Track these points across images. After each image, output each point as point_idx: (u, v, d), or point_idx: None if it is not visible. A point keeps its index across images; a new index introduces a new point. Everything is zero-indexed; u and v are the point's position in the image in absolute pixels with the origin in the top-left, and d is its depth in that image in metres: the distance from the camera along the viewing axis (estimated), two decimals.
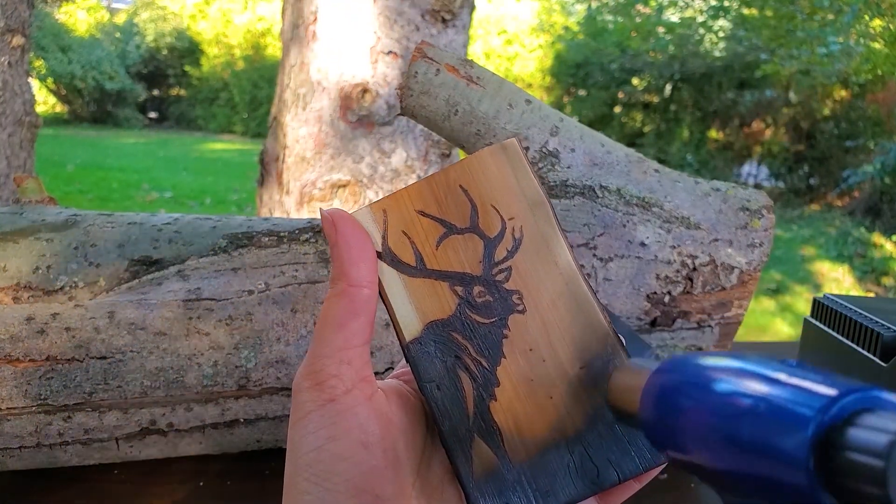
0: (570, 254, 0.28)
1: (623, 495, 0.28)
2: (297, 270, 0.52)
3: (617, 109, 7.17)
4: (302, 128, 1.46)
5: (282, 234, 0.55)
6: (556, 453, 0.27)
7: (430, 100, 0.55)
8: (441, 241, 0.28)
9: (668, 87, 6.68)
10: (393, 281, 0.28)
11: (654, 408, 0.22)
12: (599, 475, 0.26)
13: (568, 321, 0.28)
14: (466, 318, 0.27)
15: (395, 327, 0.28)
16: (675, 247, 0.55)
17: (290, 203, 1.48)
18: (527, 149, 0.55)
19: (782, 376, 0.18)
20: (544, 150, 0.56)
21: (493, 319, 0.27)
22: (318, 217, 0.60)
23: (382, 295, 0.28)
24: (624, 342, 0.28)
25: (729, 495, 0.19)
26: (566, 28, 7.78)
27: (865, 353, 0.53)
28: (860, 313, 0.56)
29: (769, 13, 5.42)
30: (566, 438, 0.27)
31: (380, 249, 0.28)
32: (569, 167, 0.56)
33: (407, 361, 0.28)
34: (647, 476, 0.27)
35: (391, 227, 0.28)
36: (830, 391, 0.16)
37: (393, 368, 0.51)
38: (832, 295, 0.61)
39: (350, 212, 0.28)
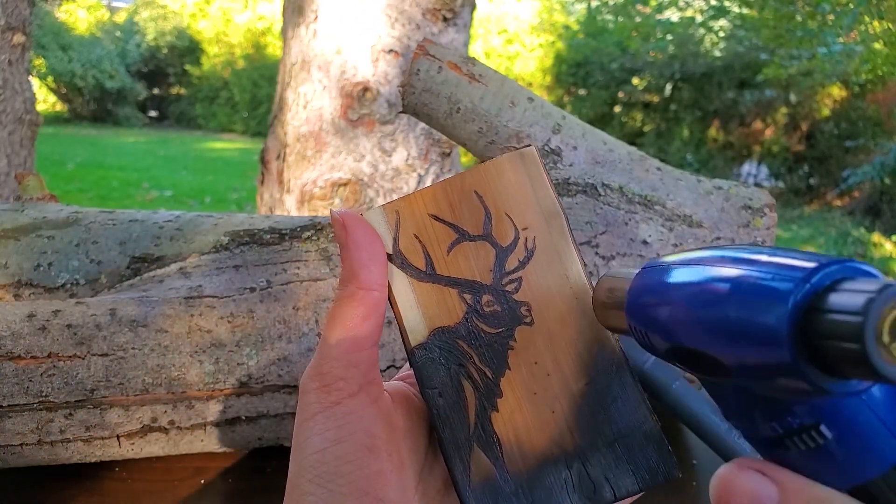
0: (582, 268, 0.28)
1: None
2: (298, 268, 0.52)
3: (617, 109, 7.17)
4: (303, 126, 1.46)
5: (283, 231, 0.55)
6: (554, 467, 0.26)
7: (431, 97, 0.55)
8: (453, 247, 0.28)
9: (669, 87, 6.68)
10: (402, 284, 0.27)
11: (640, 308, 0.22)
12: (596, 492, 0.26)
13: (575, 336, 0.27)
14: (473, 326, 0.27)
15: (400, 331, 0.27)
16: (677, 245, 0.55)
17: (290, 202, 1.48)
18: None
19: (762, 257, 0.18)
20: (546, 147, 0.56)
21: (500, 330, 0.27)
22: (320, 215, 0.60)
23: (390, 298, 0.27)
24: (629, 360, 0.28)
25: (726, 379, 0.19)
26: (566, 27, 7.78)
27: None
28: None
29: (768, 15, 5.41)
30: (565, 453, 0.26)
31: (390, 251, 0.27)
32: (571, 165, 0.56)
33: (411, 366, 0.27)
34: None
35: (403, 230, 0.28)
36: (809, 264, 0.17)
37: (394, 367, 0.51)
38: None
39: (362, 212, 0.27)
